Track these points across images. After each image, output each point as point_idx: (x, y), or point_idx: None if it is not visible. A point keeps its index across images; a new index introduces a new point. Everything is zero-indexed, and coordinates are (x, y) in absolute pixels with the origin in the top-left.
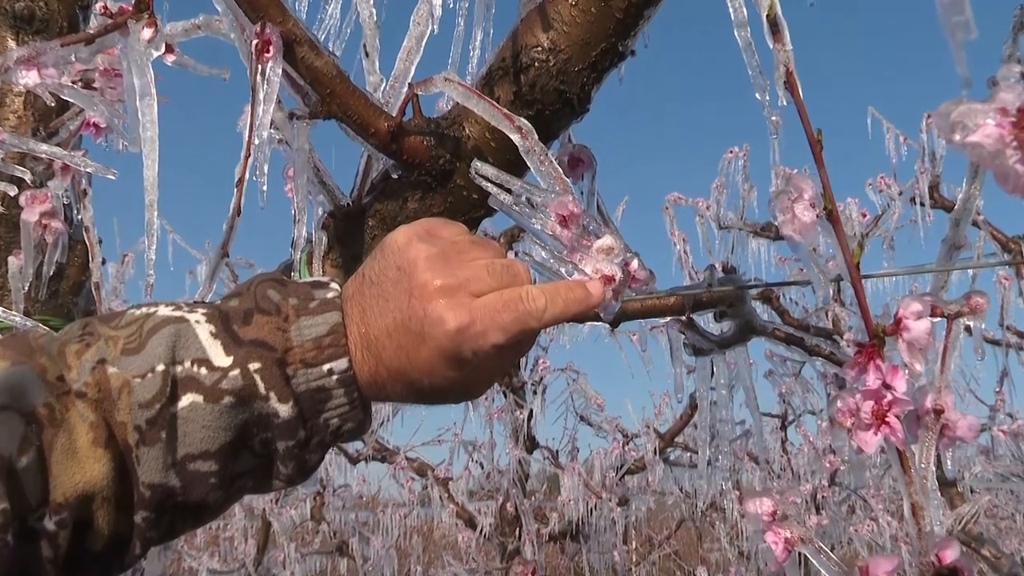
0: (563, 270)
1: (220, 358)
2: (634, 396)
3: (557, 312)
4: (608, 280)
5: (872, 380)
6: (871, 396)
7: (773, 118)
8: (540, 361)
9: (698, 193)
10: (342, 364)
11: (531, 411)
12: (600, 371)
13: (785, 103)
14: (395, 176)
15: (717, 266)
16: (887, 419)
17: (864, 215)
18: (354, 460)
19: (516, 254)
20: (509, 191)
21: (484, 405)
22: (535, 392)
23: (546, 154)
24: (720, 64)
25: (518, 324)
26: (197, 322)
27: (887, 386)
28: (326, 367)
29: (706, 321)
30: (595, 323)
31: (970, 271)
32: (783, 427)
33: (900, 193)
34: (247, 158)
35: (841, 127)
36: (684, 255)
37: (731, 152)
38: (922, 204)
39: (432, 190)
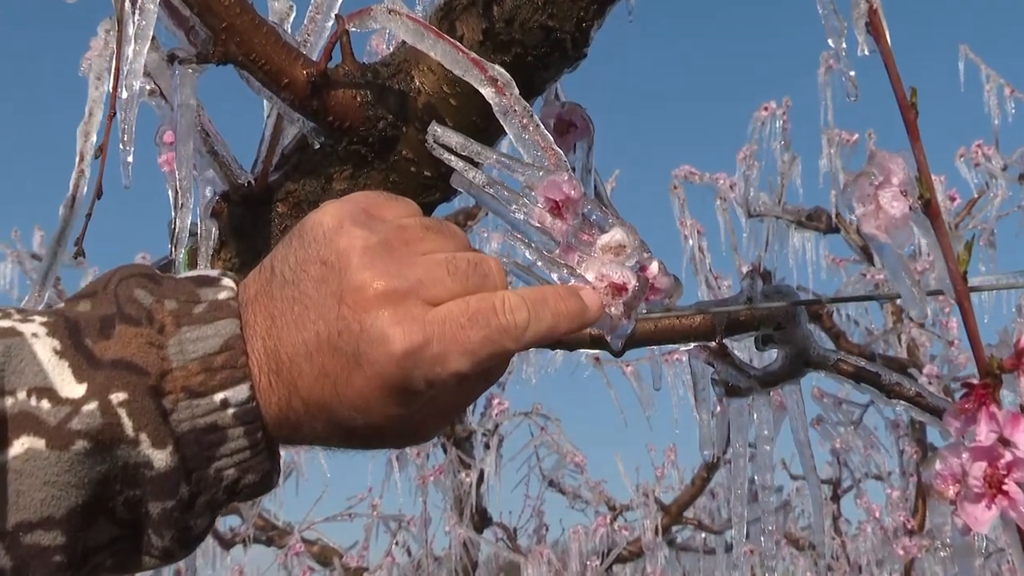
0: (555, 276)
1: (69, 386)
2: (627, 451)
3: (543, 329)
4: (618, 290)
5: (985, 434)
6: (983, 455)
7: (851, 73)
8: (494, 402)
9: (718, 166)
10: (241, 393)
11: (481, 472)
12: (579, 416)
13: (867, 52)
14: (316, 145)
15: (746, 270)
16: (1005, 487)
17: (952, 198)
18: (227, 543)
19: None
20: (478, 165)
21: (415, 463)
22: (487, 446)
23: (531, 116)
24: None
25: (489, 345)
26: (35, 335)
27: (1005, 441)
28: (219, 397)
29: (744, 350)
30: (588, 350)
31: None
32: (835, 497)
33: (1004, 168)
34: (112, 118)
35: (916, 70)
36: (699, 253)
37: (765, 109)
38: None
39: (368, 164)
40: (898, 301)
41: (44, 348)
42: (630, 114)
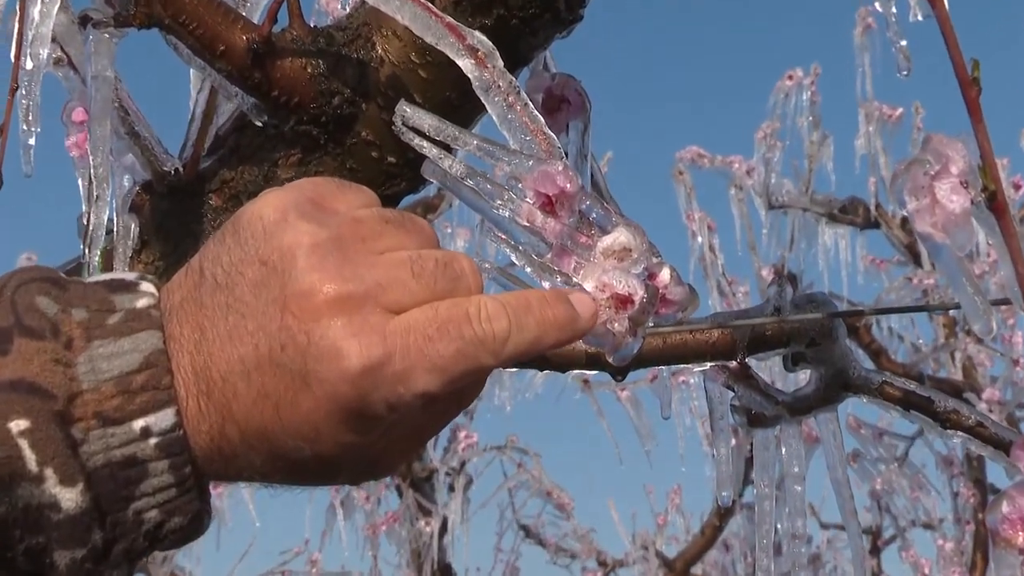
0: (547, 285)
1: None
2: (622, 494)
3: (526, 341)
4: (622, 302)
5: None
6: None
7: (902, 43)
8: (461, 435)
9: (732, 148)
10: (165, 419)
11: (444, 520)
12: (563, 451)
13: (920, 17)
14: (257, 123)
15: (766, 272)
16: None
17: (1017, 186)
18: None
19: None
20: (450, 149)
21: (362, 509)
22: (451, 487)
23: (517, 92)
24: None
25: (462, 360)
26: None
27: None
28: (138, 424)
29: (769, 370)
30: (579, 371)
31: None
32: (875, 549)
33: None
34: (14, 92)
35: (971, 28)
36: (709, 253)
37: (790, 78)
38: None
39: (320, 148)
40: (952, 312)
41: None
42: (623, 83)
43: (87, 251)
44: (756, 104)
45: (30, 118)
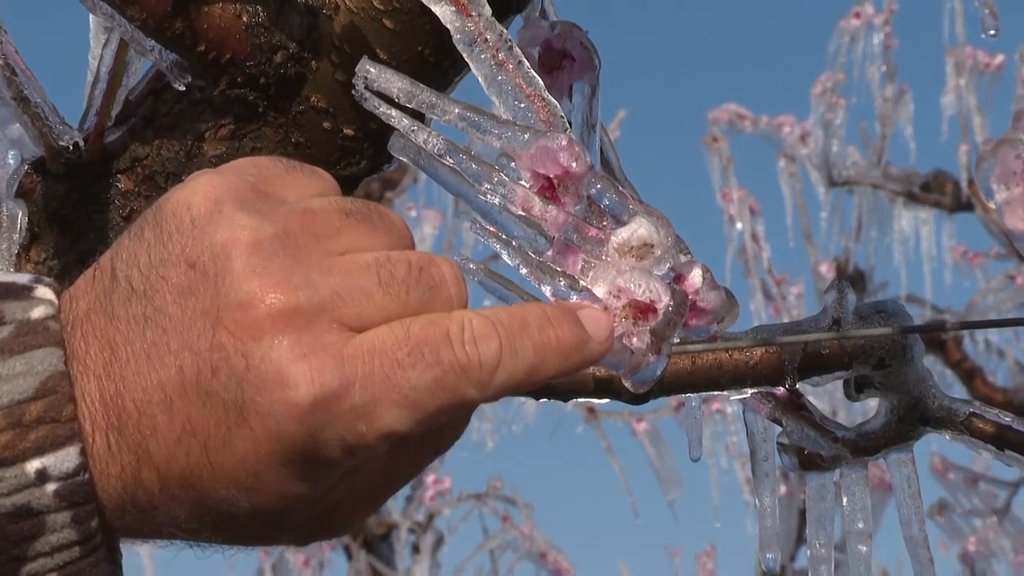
0: (547, 290)
1: None
2: (637, 557)
3: (521, 369)
4: (643, 312)
5: None
6: None
7: None
8: (428, 479)
9: (781, 106)
10: (67, 460)
11: None
12: (561, 500)
13: None
14: (179, 86)
15: (826, 270)
16: None
17: None
18: None
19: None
20: (424, 120)
21: None
22: (415, 548)
23: (509, 47)
24: None
25: (440, 392)
26: None
27: None
28: (33, 466)
29: (829, 398)
30: (586, 399)
31: None
32: None
33: None
34: None
35: None
36: (752, 243)
37: (856, 16)
38: None
39: (258, 117)
40: None
41: None
42: (636, 26)
43: None
44: (812, 50)
45: None
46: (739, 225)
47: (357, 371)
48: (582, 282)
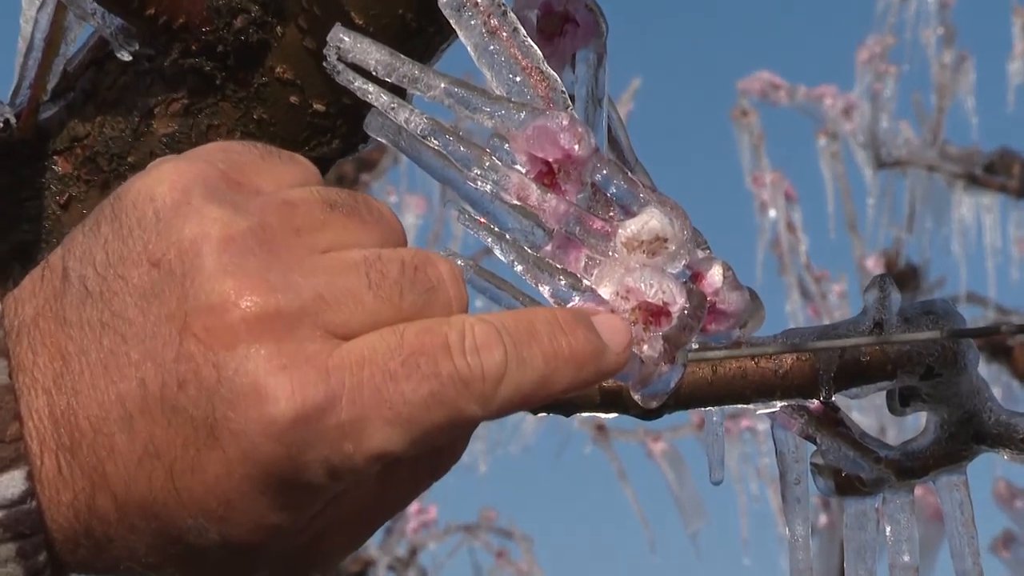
0: (546, 290)
1: None
2: None
3: (529, 382)
4: (655, 315)
5: None
6: None
7: None
8: (413, 509)
9: (820, 75)
10: (12, 485)
11: None
12: (565, 532)
13: None
14: (124, 55)
15: (873, 264)
16: None
17: None
18: None
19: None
20: (405, 95)
21: None
22: None
23: (503, 12)
24: None
25: (438, 408)
26: None
27: None
28: None
29: (868, 412)
30: (591, 413)
31: None
32: None
33: None
34: None
35: None
36: (787, 234)
37: None
38: None
39: (215, 90)
40: None
41: None
42: None
43: None
44: (858, 10)
45: None
46: (772, 213)
47: (344, 384)
48: (585, 281)
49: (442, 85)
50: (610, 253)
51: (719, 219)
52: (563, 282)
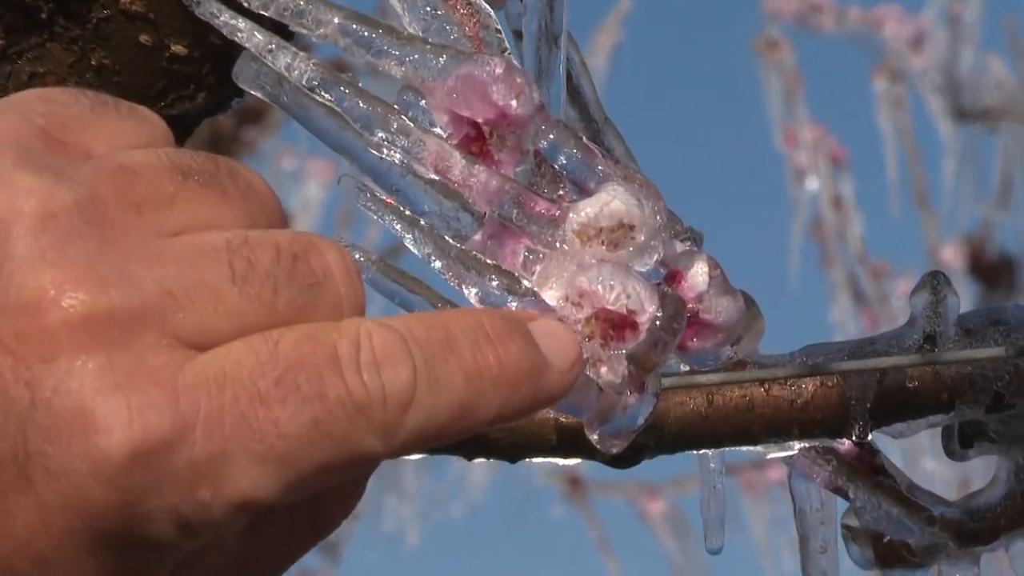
0: (472, 292)
1: None
2: None
3: (444, 409)
4: (617, 328)
5: None
6: None
7: None
8: None
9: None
10: None
11: None
12: None
13: None
14: None
15: (955, 254)
16: None
17: None
18: None
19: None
20: (289, 35)
21: None
22: None
23: None
24: None
25: (324, 442)
26: None
27: None
28: None
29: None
30: (553, 459)
31: None
32: None
33: None
34: None
35: None
36: (833, 211)
37: None
38: None
39: (40, 27)
40: None
41: None
42: None
43: None
44: None
45: None
46: (812, 184)
47: (199, 409)
48: (525, 282)
49: (336, 20)
50: (558, 244)
51: (735, 193)
52: (496, 283)
